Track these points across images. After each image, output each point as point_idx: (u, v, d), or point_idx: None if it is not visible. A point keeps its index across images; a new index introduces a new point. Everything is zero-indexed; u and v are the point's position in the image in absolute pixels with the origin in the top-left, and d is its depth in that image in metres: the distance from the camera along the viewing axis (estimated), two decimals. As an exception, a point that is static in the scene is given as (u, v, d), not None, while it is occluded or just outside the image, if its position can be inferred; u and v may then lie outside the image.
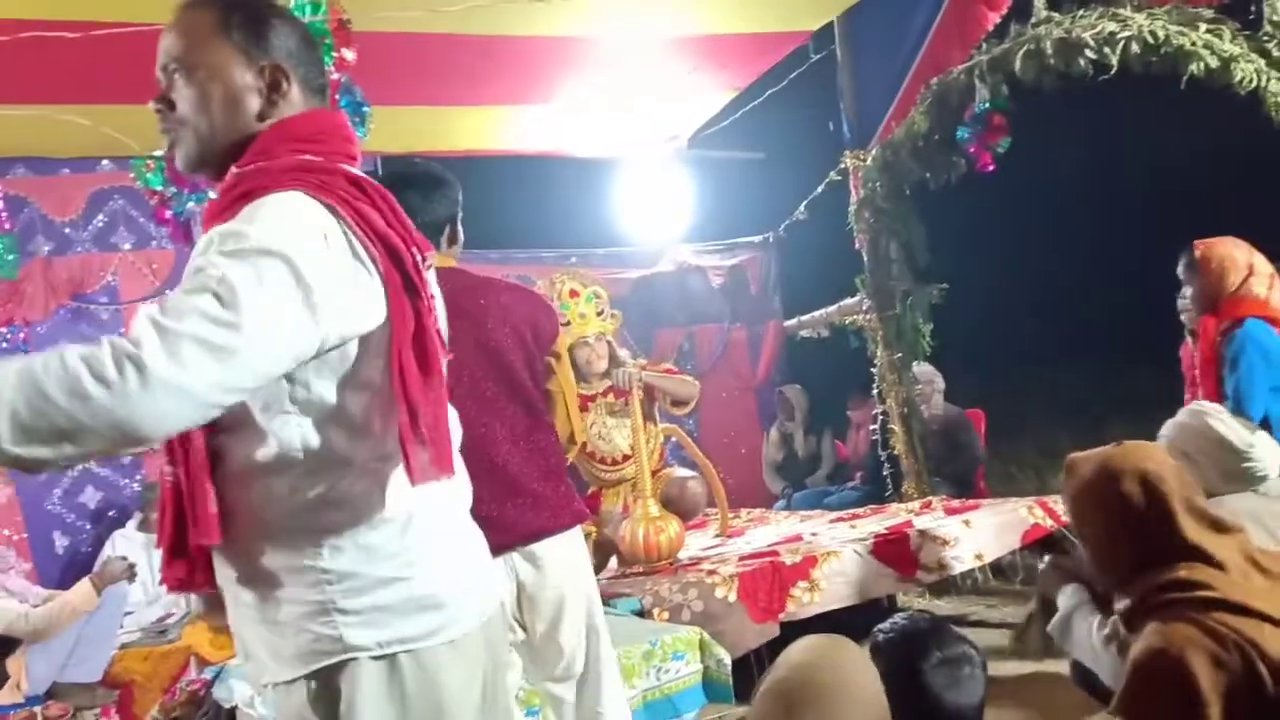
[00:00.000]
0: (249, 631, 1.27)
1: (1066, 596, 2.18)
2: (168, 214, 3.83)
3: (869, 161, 5.31)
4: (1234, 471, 2.27)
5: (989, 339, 7.61)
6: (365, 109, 2.80)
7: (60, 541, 5.04)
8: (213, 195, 3.44)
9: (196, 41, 1.30)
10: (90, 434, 1.04)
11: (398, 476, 1.25)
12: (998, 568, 4.50)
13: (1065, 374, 8.73)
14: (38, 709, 3.40)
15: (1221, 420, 2.34)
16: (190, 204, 3.80)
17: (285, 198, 1.19)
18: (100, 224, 5.18)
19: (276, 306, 1.11)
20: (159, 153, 3.98)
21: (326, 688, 1.22)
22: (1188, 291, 3.32)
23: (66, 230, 5.08)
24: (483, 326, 2.06)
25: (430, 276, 1.32)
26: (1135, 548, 1.65)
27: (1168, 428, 2.45)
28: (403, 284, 1.22)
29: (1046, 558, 2.33)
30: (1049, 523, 4.02)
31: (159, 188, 3.78)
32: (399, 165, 1.81)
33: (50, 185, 5.01)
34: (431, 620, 1.25)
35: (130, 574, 3.62)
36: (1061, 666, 3.76)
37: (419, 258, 1.26)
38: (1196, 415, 2.39)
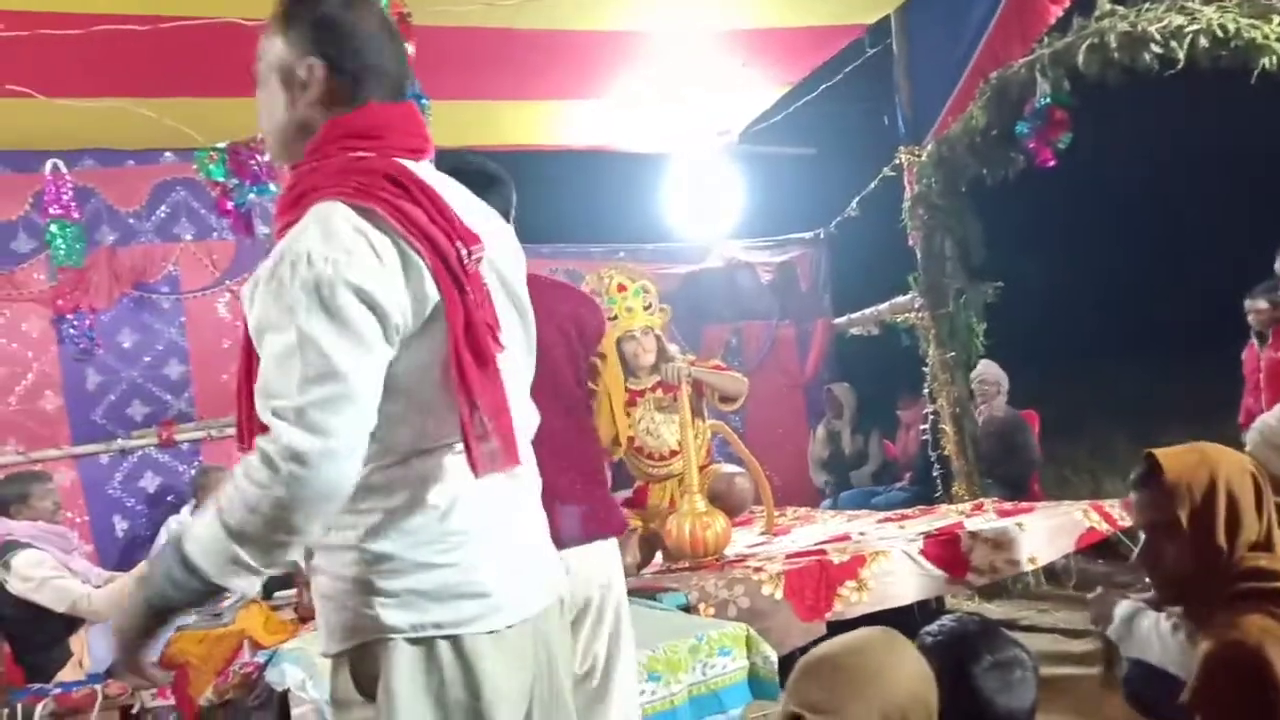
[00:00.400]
0: (316, 603, 1.33)
1: (1124, 607, 2.15)
2: (229, 205, 3.91)
3: (924, 157, 5.23)
4: None
5: (1044, 339, 7.46)
6: (424, 101, 2.83)
7: (120, 525, 5.18)
8: (273, 188, 3.53)
9: (266, 36, 1.34)
10: (296, 524, 1.16)
11: (444, 464, 1.27)
12: (1050, 572, 4.43)
13: (1122, 376, 8.51)
14: (99, 686, 3.49)
15: None
16: (251, 195, 3.88)
17: (324, 213, 1.21)
18: (163, 215, 5.30)
19: (357, 335, 1.17)
20: (221, 145, 4.07)
21: (366, 664, 1.26)
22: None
23: (130, 220, 5.22)
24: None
25: (485, 269, 1.31)
26: (1210, 544, 1.62)
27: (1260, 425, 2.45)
28: (450, 278, 1.23)
29: (1098, 589, 2.26)
30: (1105, 527, 3.94)
31: (221, 179, 3.87)
32: (453, 160, 1.77)
33: (116, 176, 5.15)
34: (471, 608, 1.25)
35: None
36: (1120, 669, 3.71)
37: (464, 252, 1.25)
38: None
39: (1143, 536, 1.79)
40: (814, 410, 6.96)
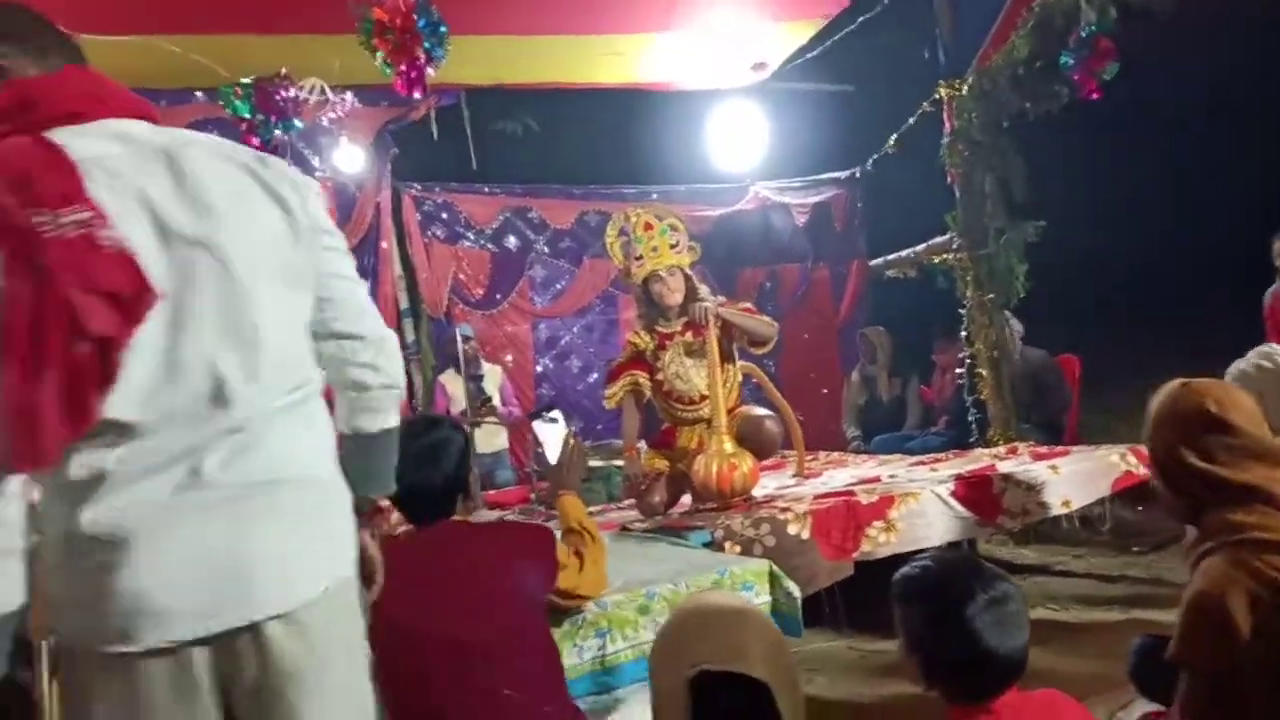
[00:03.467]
0: None
1: None
2: (255, 141, 3.90)
3: (964, 91, 5.07)
4: None
5: (1088, 280, 7.25)
6: (443, 29, 2.78)
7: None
8: (299, 124, 3.45)
9: None
10: None
11: None
12: (1085, 517, 4.36)
13: (1170, 319, 8.27)
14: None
15: None
16: (277, 131, 3.86)
17: None
18: (195, 155, 5.31)
19: None
20: (247, 80, 4.04)
21: None
22: None
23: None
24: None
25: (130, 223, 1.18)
26: (1203, 477, 1.58)
27: (1235, 367, 2.40)
28: (18, 254, 1.11)
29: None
30: (1142, 470, 3.85)
31: (247, 115, 3.85)
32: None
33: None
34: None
35: None
36: (1149, 614, 3.66)
37: (41, 219, 1.12)
38: (1267, 355, 2.36)
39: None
40: (848, 354, 6.88)
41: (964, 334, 5.38)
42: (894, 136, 6.07)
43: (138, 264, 1.16)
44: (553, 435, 2.42)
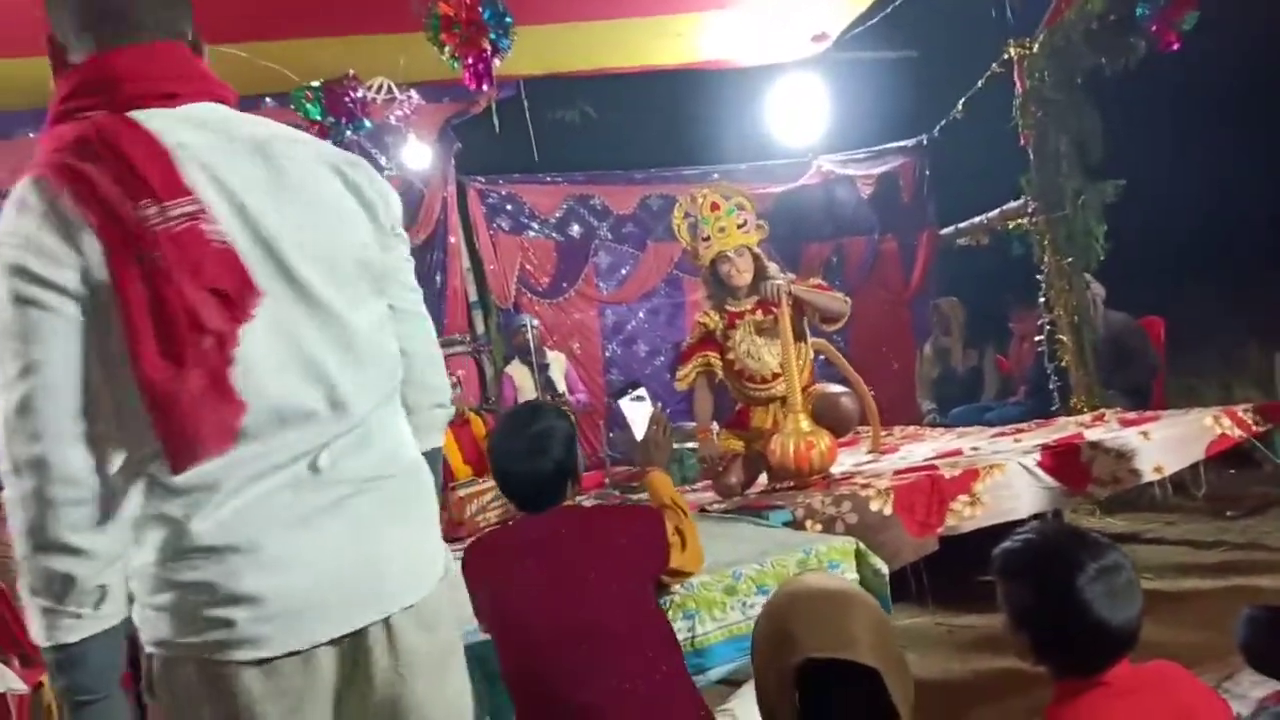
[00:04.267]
0: None
1: None
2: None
3: (1035, 49, 4.91)
4: None
5: (1170, 241, 6.97)
6: (508, 20, 2.79)
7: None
8: (368, 125, 3.54)
9: None
10: None
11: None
12: (1178, 483, 4.23)
13: (1255, 278, 7.92)
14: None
15: None
16: (348, 133, 3.93)
17: (14, 192, 1.12)
18: (269, 161, 5.44)
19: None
20: (316, 84, 4.12)
21: None
22: None
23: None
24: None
25: (225, 219, 1.14)
26: None
27: None
28: (126, 249, 1.08)
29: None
30: (1237, 433, 3.73)
31: (318, 118, 3.93)
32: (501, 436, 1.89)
33: (219, 125, 5.27)
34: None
35: None
36: (1249, 580, 3.55)
37: (149, 211, 1.08)
38: None
39: None
40: (920, 327, 6.76)
41: (1042, 300, 5.24)
42: (962, 100, 5.92)
43: (241, 261, 1.14)
44: (639, 413, 2.42)
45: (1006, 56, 5.16)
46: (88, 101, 1.15)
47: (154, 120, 1.15)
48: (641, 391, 2.48)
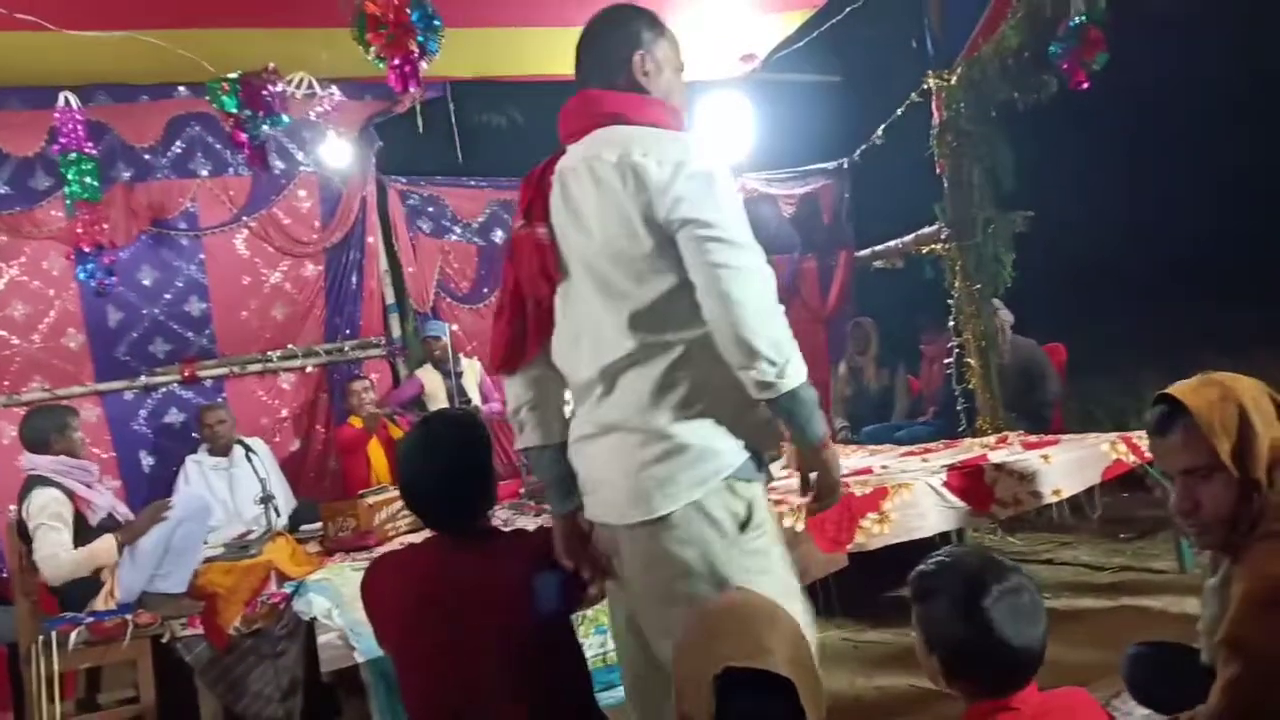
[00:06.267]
0: None
1: None
2: (243, 137, 3.84)
3: (953, 81, 5.07)
4: None
5: (1074, 270, 7.27)
6: (437, 22, 2.74)
7: (146, 460, 5.25)
8: (286, 120, 3.74)
9: None
10: None
11: None
12: (1075, 505, 4.40)
13: (1154, 310, 8.31)
14: (129, 617, 3.56)
15: None
16: (265, 128, 3.81)
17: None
18: (178, 150, 5.26)
19: None
20: (233, 76, 3.99)
21: None
22: None
23: (146, 156, 5.18)
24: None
25: (556, 218, 1.81)
26: (1250, 480, 1.56)
27: None
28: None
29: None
30: (1132, 459, 3.89)
31: (234, 111, 3.80)
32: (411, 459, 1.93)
33: (129, 112, 5.08)
34: None
35: (155, 521, 3.71)
36: (1138, 600, 3.70)
37: (517, 225, 1.87)
38: None
39: (1175, 483, 1.70)
40: (836, 345, 6.89)
41: (952, 324, 5.40)
42: (882, 127, 6.08)
43: (552, 254, 1.76)
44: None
45: (926, 87, 5.32)
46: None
47: (570, 149, 1.79)
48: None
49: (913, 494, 3.52)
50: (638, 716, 1.86)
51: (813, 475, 1.72)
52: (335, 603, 2.82)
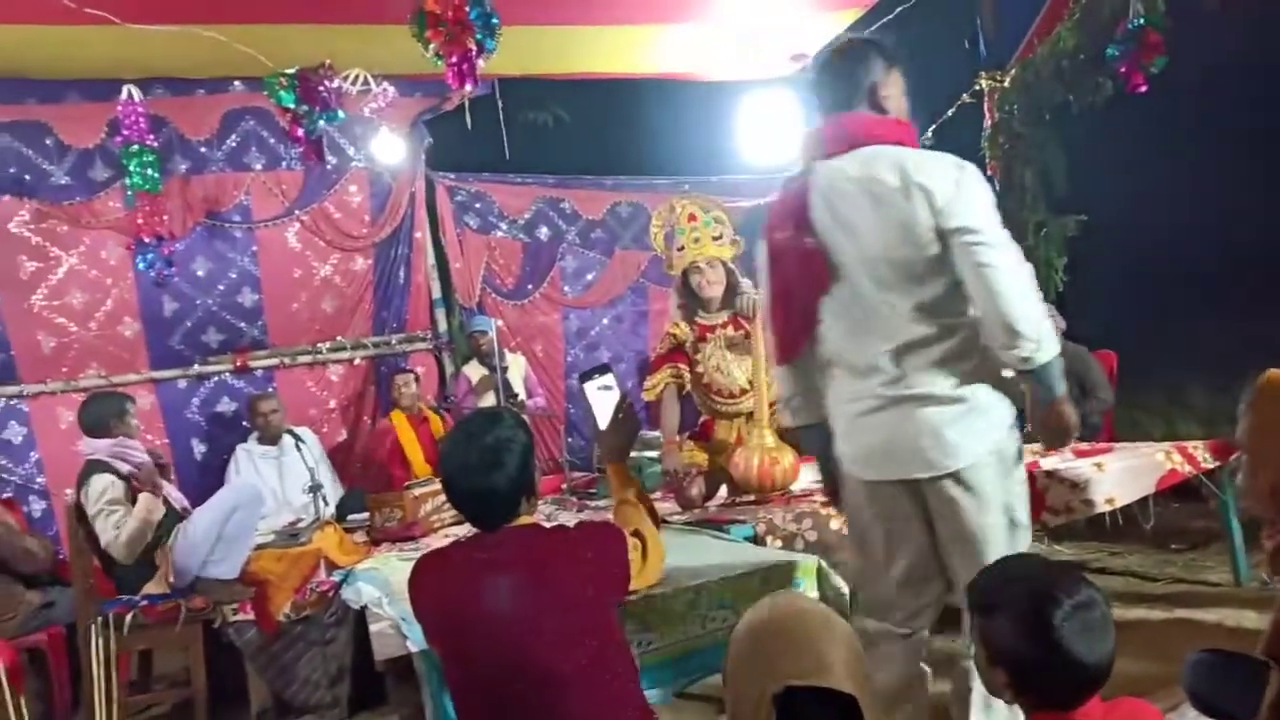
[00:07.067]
0: None
1: None
2: (300, 131, 3.90)
3: (1006, 83, 5.02)
4: None
5: (1127, 276, 7.14)
6: (494, 20, 2.77)
7: (198, 448, 5.34)
8: (342, 115, 3.83)
9: None
10: None
11: None
12: (1127, 514, 4.32)
13: (1207, 318, 8.13)
14: (182, 601, 3.63)
15: None
16: (321, 123, 3.86)
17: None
18: (233, 144, 5.34)
19: None
20: (290, 71, 4.05)
21: None
22: None
23: (202, 149, 5.26)
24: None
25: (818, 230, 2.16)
26: None
27: None
28: None
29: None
30: (1187, 469, 3.82)
31: (291, 105, 3.85)
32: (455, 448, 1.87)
33: (186, 105, 5.17)
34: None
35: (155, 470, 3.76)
36: (1192, 613, 3.63)
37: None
38: None
39: (1244, 457, 1.67)
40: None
41: (1001, 328, 5.33)
42: (932, 128, 6.01)
43: (821, 260, 2.11)
44: (605, 402, 2.32)
45: (978, 88, 5.26)
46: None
47: (825, 165, 2.14)
48: (609, 379, 2.37)
49: (962, 499, 3.47)
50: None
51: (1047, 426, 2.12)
52: (384, 592, 2.85)
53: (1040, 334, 1.96)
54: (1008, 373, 2.09)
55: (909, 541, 2.22)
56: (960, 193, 1.99)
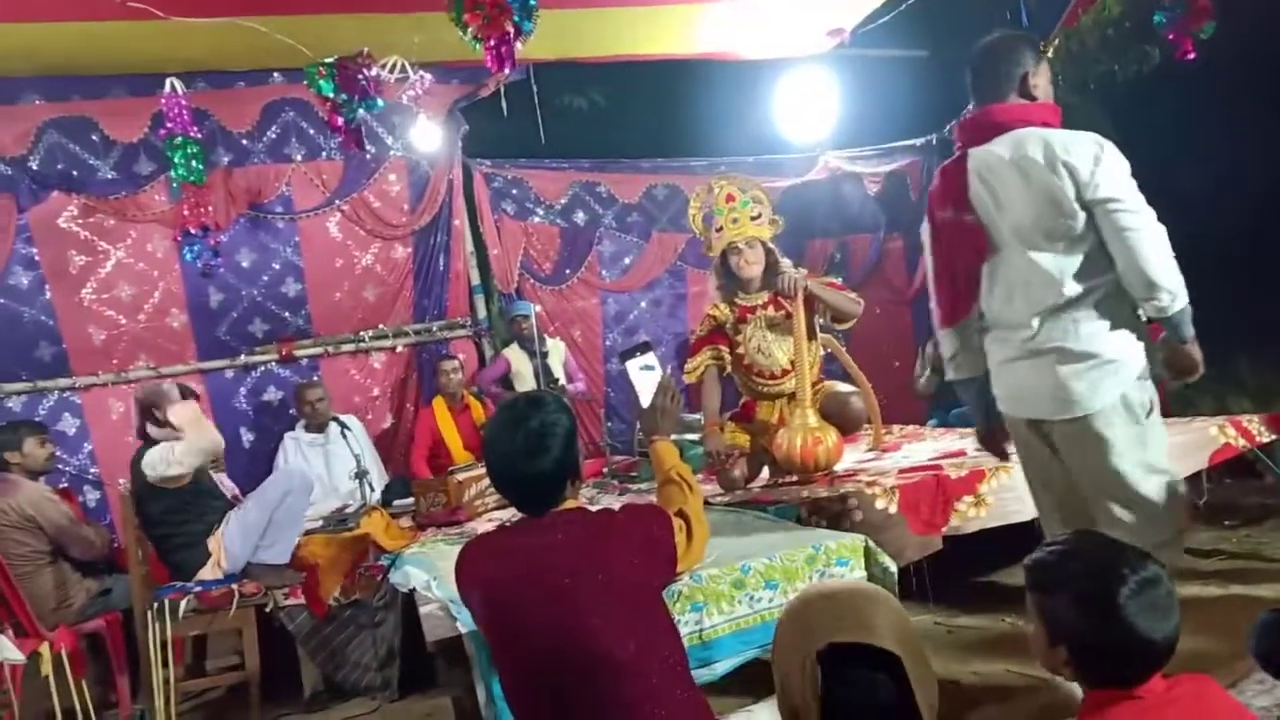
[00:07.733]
0: None
1: None
2: (339, 120, 3.92)
3: (1050, 53, 4.89)
4: None
5: (1175, 249, 6.98)
6: (532, 2, 2.76)
7: (246, 436, 5.43)
8: (381, 104, 3.87)
9: None
10: None
11: None
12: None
13: (1256, 294, 7.94)
14: (235, 586, 3.70)
15: None
16: (360, 111, 3.88)
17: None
18: (273, 136, 5.40)
19: None
20: (329, 60, 4.08)
21: None
22: None
23: (243, 142, 5.33)
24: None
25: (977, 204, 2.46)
26: None
27: None
28: None
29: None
30: (1241, 443, 3.74)
31: (331, 95, 3.88)
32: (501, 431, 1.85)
33: (227, 98, 5.23)
34: None
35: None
36: (1249, 589, 3.56)
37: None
38: None
39: None
40: (921, 327, 6.75)
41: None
42: (972, 103, 5.89)
43: (981, 234, 2.42)
44: (648, 381, 2.32)
45: (1020, 59, 5.14)
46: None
47: (981, 149, 2.43)
48: (650, 359, 2.36)
49: (1011, 477, 3.42)
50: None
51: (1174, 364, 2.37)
52: (433, 575, 2.88)
53: (1175, 287, 2.25)
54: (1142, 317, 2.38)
55: (1052, 478, 2.57)
56: (1101, 167, 2.24)
